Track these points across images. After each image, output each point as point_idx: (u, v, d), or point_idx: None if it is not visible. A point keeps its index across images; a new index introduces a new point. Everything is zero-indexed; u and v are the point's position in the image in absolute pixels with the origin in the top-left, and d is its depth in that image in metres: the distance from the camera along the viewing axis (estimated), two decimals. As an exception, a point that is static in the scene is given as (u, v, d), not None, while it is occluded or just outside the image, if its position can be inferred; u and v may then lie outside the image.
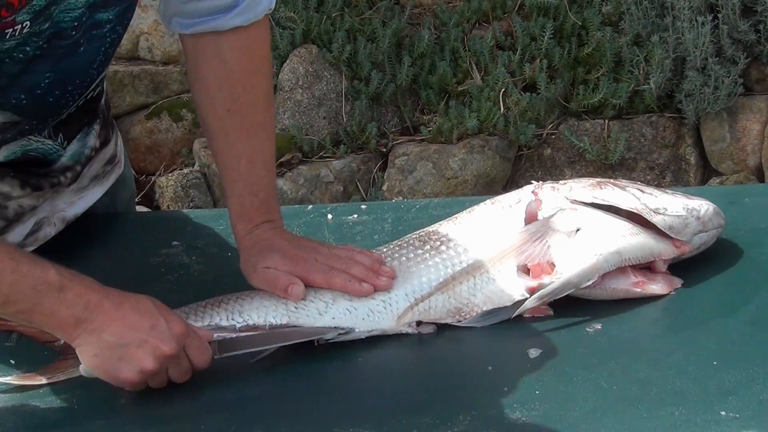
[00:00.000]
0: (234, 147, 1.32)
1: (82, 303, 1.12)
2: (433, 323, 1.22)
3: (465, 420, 1.04)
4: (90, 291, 1.13)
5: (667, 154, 3.36)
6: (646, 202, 1.28)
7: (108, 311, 1.12)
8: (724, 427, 1.01)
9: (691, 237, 1.29)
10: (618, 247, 1.23)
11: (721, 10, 3.21)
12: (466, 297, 1.22)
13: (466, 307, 1.22)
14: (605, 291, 1.24)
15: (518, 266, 1.23)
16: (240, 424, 1.06)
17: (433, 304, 1.21)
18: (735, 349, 1.14)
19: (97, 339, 1.11)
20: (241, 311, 1.21)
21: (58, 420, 1.09)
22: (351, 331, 1.20)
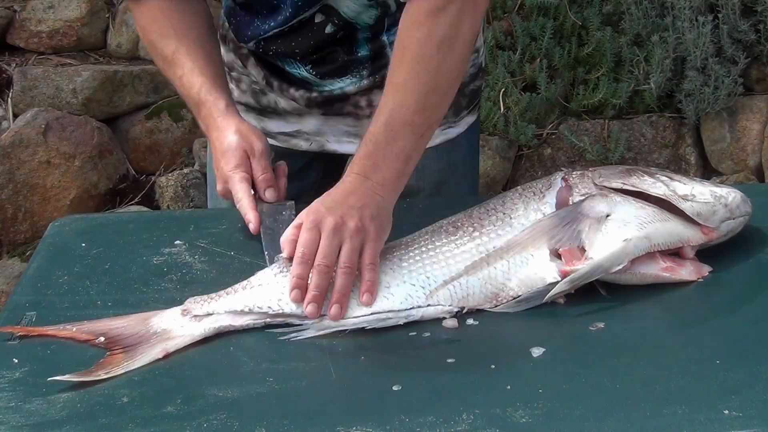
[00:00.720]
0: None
1: (204, 123, 1.49)
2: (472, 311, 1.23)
3: (468, 419, 1.04)
4: (210, 117, 1.48)
5: (667, 154, 3.36)
6: (675, 188, 1.30)
7: (211, 140, 1.49)
8: (728, 426, 1.01)
9: (719, 224, 1.31)
10: (647, 232, 1.25)
11: (721, 10, 3.21)
12: (501, 281, 1.23)
13: (502, 291, 1.23)
14: (635, 276, 1.26)
15: (550, 251, 1.24)
16: (241, 423, 1.06)
17: (471, 291, 1.23)
18: (738, 348, 1.14)
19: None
20: (280, 298, 1.23)
21: (59, 419, 1.09)
22: (389, 319, 1.21)
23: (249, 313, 1.23)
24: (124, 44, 3.69)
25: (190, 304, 1.24)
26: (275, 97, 1.64)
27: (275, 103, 1.65)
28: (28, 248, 3.36)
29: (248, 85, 1.66)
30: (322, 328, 1.21)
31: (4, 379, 1.16)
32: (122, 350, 1.18)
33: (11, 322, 1.28)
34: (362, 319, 1.21)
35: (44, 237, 1.51)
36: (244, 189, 1.42)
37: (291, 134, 1.66)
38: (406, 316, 1.22)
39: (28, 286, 1.37)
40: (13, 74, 3.56)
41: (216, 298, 1.24)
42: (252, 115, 1.67)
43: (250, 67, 1.64)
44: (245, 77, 1.66)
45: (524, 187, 1.35)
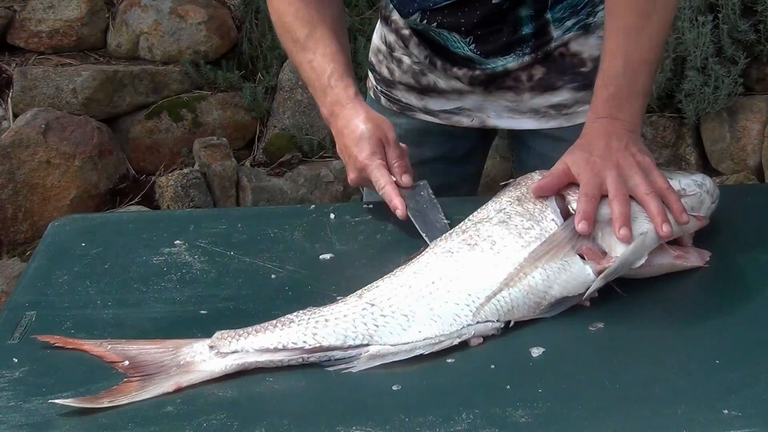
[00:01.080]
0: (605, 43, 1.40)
1: (329, 109, 1.51)
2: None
3: (467, 418, 1.04)
4: (338, 104, 1.50)
5: (667, 154, 3.36)
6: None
7: (338, 127, 1.50)
8: (727, 426, 1.01)
9: (707, 211, 1.36)
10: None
11: (721, 10, 3.21)
12: (543, 290, 1.22)
13: (544, 299, 1.22)
14: (653, 267, 1.28)
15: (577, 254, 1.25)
16: (241, 423, 1.06)
17: (515, 303, 1.21)
18: (737, 348, 1.14)
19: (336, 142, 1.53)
20: (315, 332, 1.17)
21: (59, 419, 1.09)
22: (441, 342, 1.17)
23: (282, 350, 1.16)
24: (124, 44, 3.69)
25: (218, 340, 1.17)
26: (435, 77, 1.67)
27: (435, 83, 1.67)
28: (28, 248, 3.36)
29: (409, 66, 1.69)
30: (373, 357, 1.16)
31: (4, 379, 1.16)
32: (139, 379, 1.14)
33: (11, 322, 1.28)
34: (415, 344, 1.17)
35: (44, 237, 1.51)
36: (385, 175, 1.44)
37: (453, 111, 1.69)
38: (459, 335, 1.18)
39: (28, 285, 1.37)
40: (13, 74, 3.56)
41: (245, 335, 1.17)
42: (413, 95, 1.71)
43: (412, 47, 1.67)
44: (405, 58, 1.69)
45: (510, 196, 1.33)
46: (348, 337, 1.17)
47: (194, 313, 1.29)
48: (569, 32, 1.58)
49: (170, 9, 3.68)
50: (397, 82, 1.72)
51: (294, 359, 1.16)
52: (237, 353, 1.15)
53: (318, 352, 1.16)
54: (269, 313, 1.28)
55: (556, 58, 1.60)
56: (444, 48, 1.62)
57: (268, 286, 1.34)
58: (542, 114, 1.64)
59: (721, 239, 1.40)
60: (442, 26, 1.58)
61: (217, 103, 3.67)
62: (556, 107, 1.63)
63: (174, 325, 1.26)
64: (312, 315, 1.19)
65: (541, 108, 1.64)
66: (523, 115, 1.65)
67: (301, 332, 1.17)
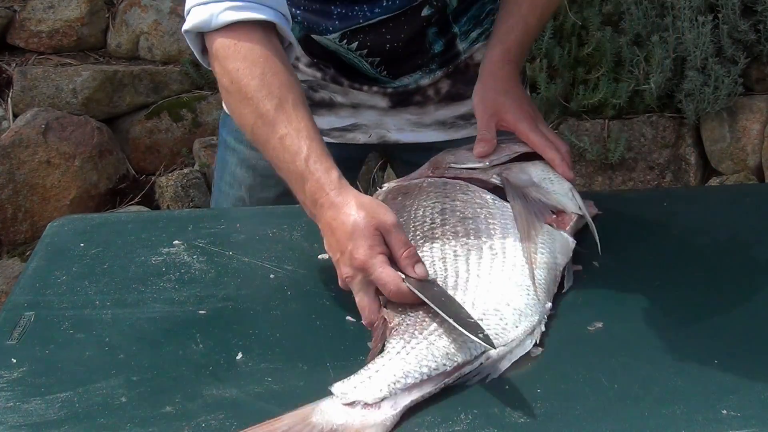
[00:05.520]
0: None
1: (312, 199, 1.25)
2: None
3: (467, 418, 1.04)
4: (320, 191, 1.24)
5: (667, 154, 3.36)
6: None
7: (326, 220, 1.24)
8: (726, 426, 1.01)
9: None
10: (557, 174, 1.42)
11: (721, 10, 3.20)
12: (554, 262, 1.28)
13: (558, 270, 1.28)
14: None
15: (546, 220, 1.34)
16: (239, 423, 1.06)
17: (548, 281, 1.25)
18: (736, 348, 1.14)
19: (323, 238, 1.26)
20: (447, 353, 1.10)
21: (57, 419, 1.09)
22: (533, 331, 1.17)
23: (427, 380, 1.08)
24: (124, 44, 3.69)
25: (353, 394, 1.06)
26: (330, 93, 1.62)
27: (330, 99, 1.63)
28: (28, 248, 3.36)
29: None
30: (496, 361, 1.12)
31: (3, 379, 1.16)
32: None
33: (10, 322, 1.28)
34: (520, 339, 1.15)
35: (42, 237, 1.51)
36: (391, 274, 1.18)
37: (346, 128, 1.65)
38: (539, 321, 1.19)
39: (27, 286, 1.37)
40: (13, 74, 3.56)
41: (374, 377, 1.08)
42: None
43: (302, 68, 1.61)
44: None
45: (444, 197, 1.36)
46: (470, 348, 1.12)
47: (193, 313, 1.29)
48: (476, 43, 1.60)
49: (170, 9, 3.68)
50: None
51: (437, 388, 1.09)
52: (385, 400, 1.06)
53: (455, 372, 1.10)
54: (268, 313, 1.29)
55: (462, 69, 1.60)
56: (351, 67, 1.58)
57: (267, 286, 1.34)
58: (449, 125, 1.63)
59: (721, 239, 1.40)
60: (363, 47, 1.52)
61: (217, 103, 3.67)
62: (464, 117, 1.62)
63: (173, 325, 1.26)
64: (421, 337, 1.12)
65: (448, 119, 1.62)
66: (428, 128, 1.63)
67: (431, 357, 1.10)
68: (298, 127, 1.26)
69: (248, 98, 1.28)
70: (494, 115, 1.45)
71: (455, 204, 1.34)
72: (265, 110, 1.27)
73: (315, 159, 1.24)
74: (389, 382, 1.06)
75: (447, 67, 1.60)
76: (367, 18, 1.49)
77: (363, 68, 1.56)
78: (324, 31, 1.52)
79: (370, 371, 1.08)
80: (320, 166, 1.24)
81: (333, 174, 1.24)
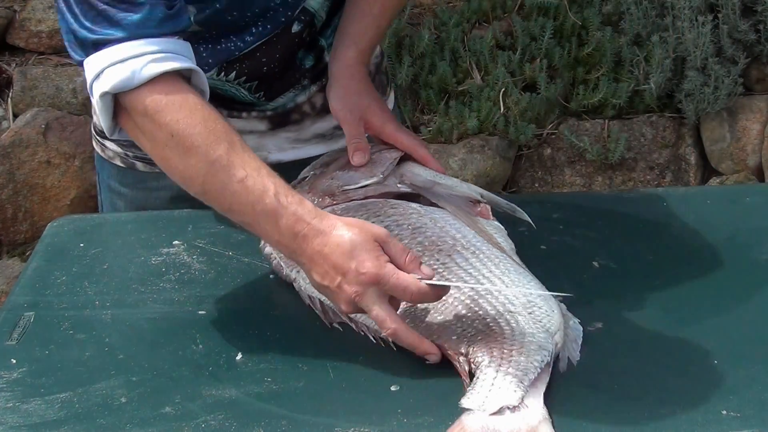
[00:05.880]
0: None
1: (291, 233, 1.17)
2: None
3: (466, 419, 1.04)
4: (300, 222, 1.17)
5: (667, 154, 3.36)
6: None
7: (313, 248, 1.17)
8: (725, 427, 1.01)
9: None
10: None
11: (721, 10, 3.20)
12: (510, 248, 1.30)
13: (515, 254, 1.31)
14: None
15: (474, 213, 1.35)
16: (239, 424, 1.06)
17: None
18: (736, 349, 1.14)
19: (308, 274, 1.19)
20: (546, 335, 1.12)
21: (58, 419, 1.09)
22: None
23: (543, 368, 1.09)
24: (124, 44, 3.69)
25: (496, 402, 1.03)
26: None
27: None
28: (28, 248, 3.36)
29: None
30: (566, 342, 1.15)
31: (2, 380, 1.16)
32: None
33: (9, 322, 1.28)
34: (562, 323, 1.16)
35: (42, 237, 1.51)
36: (408, 278, 1.15)
37: None
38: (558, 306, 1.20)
39: (27, 286, 1.37)
40: (13, 74, 3.55)
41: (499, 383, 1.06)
42: None
43: None
44: None
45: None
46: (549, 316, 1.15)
47: (193, 314, 1.29)
48: None
49: (170, 9, 3.68)
50: None
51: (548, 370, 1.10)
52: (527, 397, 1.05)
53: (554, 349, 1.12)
54: (268, 313, 1.29)
55: None
56: (227, 97, 1.53)
57: (267, 286, 1.34)
58: (329, 136, 1.61)
59: (721, 239, 1.40)
60: (241, 74, 1.49)
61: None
62: (341, 127, 1.57)
63: (172, 325, 1.26)
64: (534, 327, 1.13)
65: (327, 131, 1.60)
66: (308, 143, 1.60)
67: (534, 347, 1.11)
68: (256, 167, 1.21)
69: (195, 147, 1.21)
70: (361, 119, 1.43)
71: (396, 219, 1.31)
72: (217, 156, 1.20)
73: (284, 194, 1.19)
74: (518, 381, 1.05)
75: (319, 81, 1.57)
76: (241, 48, 1.45)
77: (240, 96, 1.52)
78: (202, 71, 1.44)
79: (488, 380, 1.06)
80: (292, 200, 1.19)
81: (307, 204, 1.20)
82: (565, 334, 1.14)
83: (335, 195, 1.37)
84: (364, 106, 1.44)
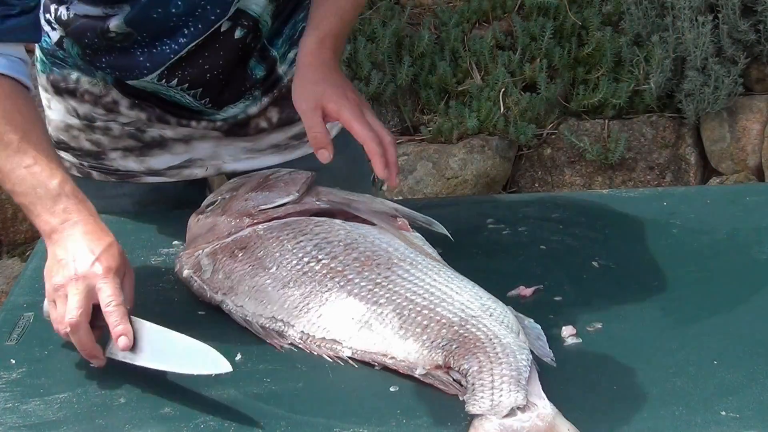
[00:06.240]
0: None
1: (60, 219, 1.22)
2: None
3: (465, 420, 1.04)
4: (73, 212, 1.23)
5: (667, 154, 3.36)
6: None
7: (61, 241, 1.21)
8: (725, 427, 1.01)
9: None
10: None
11: (721, 10, 3.21)
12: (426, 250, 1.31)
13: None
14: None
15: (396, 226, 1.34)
16: (238, 424, 1.06)
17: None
18: (735, 349, 1.14)
19: (48, 256, 1.23)
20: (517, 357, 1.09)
21: (56, 420, 1.09)
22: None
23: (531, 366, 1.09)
24: (124, 44, 3.69)
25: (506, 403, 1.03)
26: (160, 131, 1.55)
27: (161, 136, 1.56)
28: (28, 248, 3.36)
29: (122, 131, 1.55)
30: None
31: (2, 380, 1.16)
32: None
33: (9, 322, 1.28)
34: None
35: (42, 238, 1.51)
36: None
37: (182, 165, 1.59)
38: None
39: (26, 286, 1.37)
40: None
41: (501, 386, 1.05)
42: (132, 158, 1.57)
43: (124, 111, 1.54)
44: (114, 124, 1.55)
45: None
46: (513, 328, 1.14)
47: (192, 314, 1.29)
48: (294, 65, 1.52)
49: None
50: (109, 150, 1.56)
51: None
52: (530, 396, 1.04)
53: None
54: (267, 313, 1.28)
55: (285, 94, 1.54)
56: (175, 103, 1.53)
57: (266, 286, 1.34)
58: (284, 147, 1.60)
59: (720, 239, 1.40)
60: (183, 81, 1.47)
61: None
62: (297, 137, 1.59)
63: (172, 326, 1.25)
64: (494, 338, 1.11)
65: (282, 142, 1.60)
66: (262, 153, 1.59)
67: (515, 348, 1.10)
68: (48, 158, 1.26)
69: None
70: (317, 108, 1.35)
71: (325, 236, 1.29)
72: (8, 140, 1.25)
73: (70, 191, 1.24)
74: (516, 381, 1.04)
75: (271, 92, 1.56)
76: (176, 51, 1.44)
77: (186, 102, 1.52)
78: (138, 75, 1.47)
79: (487, 385, 1.05)
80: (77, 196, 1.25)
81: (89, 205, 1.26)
82: (526, 333, 1.14)
83: (253, 215, 1.36)
84: (320, 93, 1.35)
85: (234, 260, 1.29)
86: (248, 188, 1.42)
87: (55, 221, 1.23)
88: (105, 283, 1.17)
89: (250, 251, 1.29)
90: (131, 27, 1.40)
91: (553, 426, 1.00)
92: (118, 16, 1.39)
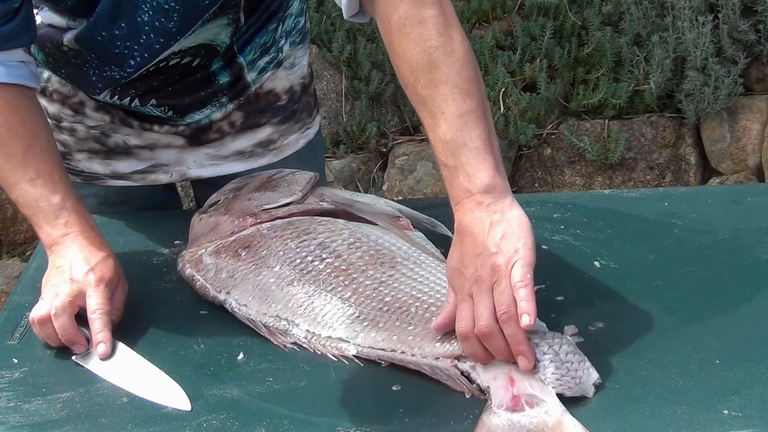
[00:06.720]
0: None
1: (61, 232, 1.28)
2: None
3: (467, 419, 1.04)
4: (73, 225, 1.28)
5: (667, 154, 3.36)
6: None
7: (60, 252, 1.27)
8: (727, 426, 1.01)
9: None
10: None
11: (721, 10, 3.21)
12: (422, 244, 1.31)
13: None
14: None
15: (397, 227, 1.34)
16: (241, 423, 1.06)
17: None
18: (738, 348, 1.14)
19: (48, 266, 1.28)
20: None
21: (59, 419, 1.09)
22: None
23: None
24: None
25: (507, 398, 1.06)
26: (124, 136, 1.55)
27: (125, 142, 1.55)
28: (28, 248, 3.36)
29: (87, 133, 1.55)
30: None
31: (4, 379, 1.16)
32: None
33: (11, 322, 1.28)
34: None
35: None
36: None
37: (147, 170, 1.58)
38: None
39: (28, 286, 1.37)
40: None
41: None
42: (96, 161, 1.57)
43: (90, 113, 1.53)
44: (79, 125, 1.54)
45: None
46: None
47: (194, 314, 1.29)
48: (264, 72, 1.54)
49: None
50: (74, 151, 1.56)
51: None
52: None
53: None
54: (269, 313, 1.28)
55: (252, 99, 1.55)
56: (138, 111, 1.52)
57: (268, 286, 1.34)
58: (248, 154, 1.59)
59: (721, 239, 1.40)
60: (136, 97, 1.47)
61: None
62: (262, 144, 1.58)
63: (174, 325, 1.26)
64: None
65: (247, 148, 1.58)
66: (226, 160, 1.58)
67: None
68: (50, 171, 1.30)
69: None
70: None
71: (329, 236, 1.29)
72: (11, 152, 1.29)
73: (72, 203, 1.30)
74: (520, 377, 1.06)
75: (238, 99, 1.55)
76: (125, 77, 1.43)
77: (147, 111, 1.50)
78: (91, 92, 1.48)
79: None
80: (78, 210, 1.30)
81: (90, 219, 1.31)
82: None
83: (256, 214, 1.36)
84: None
85: (237, 259, 1.29)
86: (251, 188, 1.42)
87: (56, 234, 1.28)
88: (95, 292, 1.23)
89: (253, 250, 1.29)
90: (79, 44, 1.39)
91: (561, 423, 1.01)
92: (72, 32, 1.38)
